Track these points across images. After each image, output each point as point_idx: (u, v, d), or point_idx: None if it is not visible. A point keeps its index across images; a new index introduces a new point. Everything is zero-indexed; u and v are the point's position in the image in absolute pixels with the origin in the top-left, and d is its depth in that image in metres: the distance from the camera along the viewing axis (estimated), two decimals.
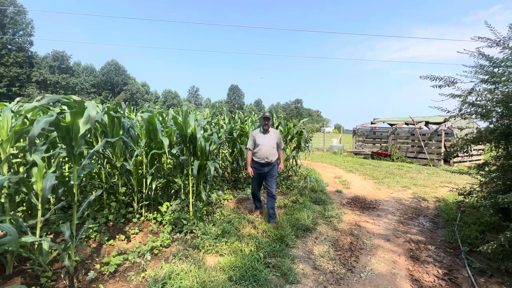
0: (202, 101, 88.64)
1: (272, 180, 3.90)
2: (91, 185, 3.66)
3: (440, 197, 5.72)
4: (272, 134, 3.93)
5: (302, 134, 6.08)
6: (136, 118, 4.03)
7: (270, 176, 3.91)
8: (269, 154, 3.80)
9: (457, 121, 9.98)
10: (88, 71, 57.39)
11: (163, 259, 2.76)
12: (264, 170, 3.86)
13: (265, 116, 3.90)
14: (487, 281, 2.59)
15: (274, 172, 3.92)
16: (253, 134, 3.95)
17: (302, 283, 2.48)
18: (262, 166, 3.83)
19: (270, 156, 3.81)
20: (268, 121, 3.89)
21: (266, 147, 3.79)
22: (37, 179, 2.17)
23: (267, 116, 3.90)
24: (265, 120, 3.87)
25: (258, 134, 3.90)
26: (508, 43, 3.14)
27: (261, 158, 3.79)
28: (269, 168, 3.87)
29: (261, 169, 3.86)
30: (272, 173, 3.90)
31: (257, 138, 3.87)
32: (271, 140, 3.85)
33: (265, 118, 3.88)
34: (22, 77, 38.01)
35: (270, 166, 3.86)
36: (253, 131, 4.04)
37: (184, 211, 3.59)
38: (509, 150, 3.38)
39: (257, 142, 3.83)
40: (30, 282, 2.20)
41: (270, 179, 3.90)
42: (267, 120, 3.88)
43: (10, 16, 36.47)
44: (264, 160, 3.79)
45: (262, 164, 3.82)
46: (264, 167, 3.85)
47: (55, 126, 2.10)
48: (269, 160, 3.80)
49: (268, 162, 3.81)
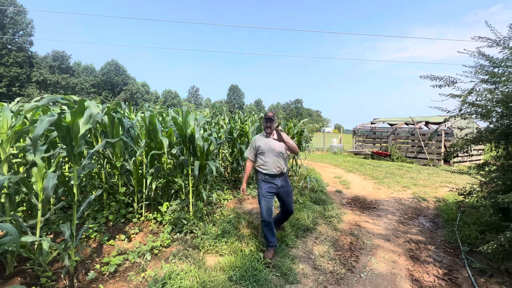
0: (202, 101, 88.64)
1: (290, 198, 3.13)
2: (91, 185, 3.66)
3: (440, 197, 5.72)
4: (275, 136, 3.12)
5: (302, 134, 6.09)
6: (136, 118, 4.03)
7: (286, 194, 3.07)
8: (279, 161, 2.99)
9: (457, 121, 9.98)
10: (88, 71, 57.38)
11: (163, 259, 2.76)
12: (276, 183, 2.99)
13: (267, 117, 3.05)
14: (487, 281, 2.59)
15: (288, 185, 3.12)
16: (254, 141, 3.13)
17: (302, 283, 2.48)
18: (274, 177, 2.98)
19: (282, 163, 3.00)
20: (271, 123, 3.04)
21: (275, 153, 2.99)
22: (37, 179, 2.17)
23: (269, 117, 3.04)
24: (267, 122, 3.04)
25: (261, 139, 3.09)
26: (508, 43, 3.13)
27: (271, 167, 2.97)
28: (283, 180, 3.04)
29: (273, 182, 2.99)
30: (287, 189, 3.09)
31: (261, 144, 3.04)
32: (278, 145, 3.01)
33: (266, 119, 3.04)
34: (22, 77, 38.02)
35: (283, 177, 3.05)
36: (254, 137, 3.20)
37: (184, 211, 3.59)
38: (509, 150, 3.38)
39: (262, 148, 3.02)
40: (30, 282, 2.20)
41: (287, 197, 3.08)
42: (269, 122, 3.03)
43: (10, 16, 36.48)
44: (276, 169, 2.96)
45: (273, 175, 2.98)
46: (277, 179, 2.99)
47: (55, 126, 2.10)
48: (282, 169, 2.99)
49: (281, 171, 2.99)
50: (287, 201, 3.13)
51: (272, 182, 3.00)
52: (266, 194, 2.98)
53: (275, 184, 3.00)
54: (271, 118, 3.07)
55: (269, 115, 3.11)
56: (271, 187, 3.00)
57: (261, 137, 3.11)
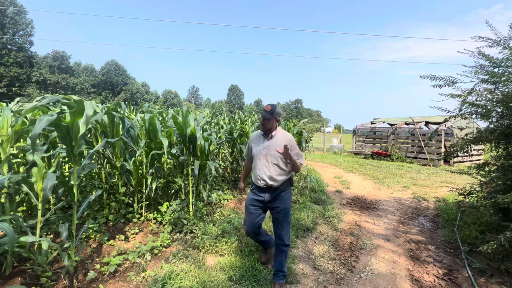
0: (202, 101, 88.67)
1: (281, 218, 2.36)
2: (91, 185, 3.65)
3: (440, 197, 5.72)
4: (278, 138, 2.37)
5: (302, 134, 6.09)
6: (136, 118, 4.03)
7: (277, 216, 2.37)
8: (269, 171, 2.30)
9: (457, 121, 9.96)
10: (88, 71, 57.39)
11: (163, 259, 2.76)
12: (263, 197, 2.36)
13: (264, 112, 2.33)
14: (487, 281, 2.59)
15: (283, 203, 2.36)
16: (250, 138, 2.58)
17: (302, 283, 2.48)
18: (261, 190, 2.38)
19: (271, 176, 2.29)
20: (266, 121, 2.32)
21: (263, 161, 2.32)
22: (37, 179, 2.17)
23: (266, 112, 2.32)
24: (264, 116, 2.32)
25: (256, 139, 2.49)
26: (508, 43, 3.14)
27: (256, 178, 2.37)
28: (272, 195, 2.35)
29: (260, 195, 2.38)
30: (279, 206, 2.35)
31: (253, 144, 2.48)
32: (274, 150, 2.29)
33: (264, 113, 2.33)
34: (22, 77, 38.00)
35: (272, 192, 2.35)
36: (252, 135, 2.59)
37: (184, 211, 3.59)
38: (509, 150, 3.38)
39: (253, 150, 2.45)
40: (30, 282, 2.20)
41: (277, 220, 2.38)
42: (265, 118, 2.32)
43: (10, 16, 36.46)
44: (261, 182, 2.32)
45: (259, 188, 2.38)
46: (264, 193, 2.36)
47: (55, 126, 2.10)
48: (269, 184, 2.30)
49: (269, 186, 2.31)
50: (278, 225, 2.38)
51: (259, 195, 2.39)
52: (249, 206, 2.44)
53: (262, 197, 2.38)
54: (264, 113, 2.33)
55: (266, 108, 2.35)
56: (256, 200, 2.41)
57: (258, 136, 2.48)
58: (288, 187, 2.42)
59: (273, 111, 2.32)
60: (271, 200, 2.37)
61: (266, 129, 2.36)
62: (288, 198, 2.40)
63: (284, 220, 2.38)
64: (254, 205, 2.42)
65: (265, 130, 2.38)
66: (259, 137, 2.47)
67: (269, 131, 2.37)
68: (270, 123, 2.34)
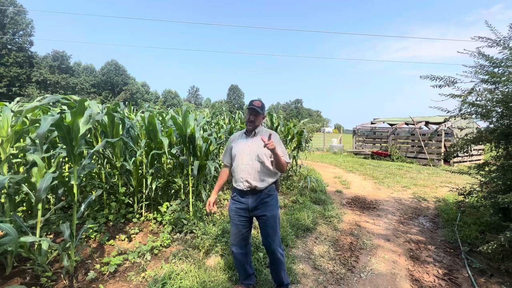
0: (202, 101, 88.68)
1: (269, 228, 2.11)
2: (91, 185, 3.66)
3: (440, 197, 5.72)
4: (262, 135, 2.16)
5: (302, 134, 6.09)
6: (136, 118, 4.03)
7: (263, 221, 2.11)
8: (253, 170, 2.06)
9: (457, 121, 9.95)
10: (88, 71, 57.39)
11: (163, 259, 2.76)
12: (246, 204, 2.10)
13: (250, 107, 2.13)
14: (487, 281, 2.59)
15: (269, 210, 2.10)
16: (230, 140, 2.34)
17: (302, 283, 2.48)
18: (243, 195, 2.12)
19: (255, 176, 2.06)
20: (254, 116, 2.14)
21: (246, 159, 2.09)
22: (37, 179, 2.17)
23: (252, 107, 2.11)
24: (249, 113, 2.15)
25: (237, 138, 2.27)
26: (508, 43, 3.14)
27: (237, 178, 2.13)
28: (257, 200, 2.09)
29: (242, 202, 2.12)
30: (265, 214, 2.09)
31: (234, 143, 2.24)
32: (259, 146, 2.07)
33: (249, 109, 2.14)
34: (22, 77, 38.02)
35: (257, 196, 2.09)
36: (233, 135, 2.37)
37: (184, 211, 3.59)
38: (509, 150, 3.38)
39: (234, 150, 2.20)
40: (30, 282, 2.20)
41: (264, 226, 2.12)
42: (252, 113, 2.14)
43: (10, 16, 36.48)
44: (243, 184, 2.08)
45: (241, 192, 2.12)
46: (246, 198, 2.10)
47: (56, 126, 2.10)
48: (252, 185, 2.06)
49: (252, 188, 2.07)
50: (266, 236, 2.12)
51: (242, 202, 2.11)
52: (233, 217, 2.17)
53: (245, 204, 2.10)
54: (254, 108, 2.10)
55: (253, 103, 2.12)
56: (240, 209, 2.13)
57: (240, 135, 2.27)
58: (273, 192, 2.16)
59: (263, 107, 2.18)
60: (255, 207, 2.09)
61: (254, 126, 2.17)
62: (274, 204, 2.14)
63: (273, 231, 2.11)
64: (239, 215, 2.14)
65: (251, 128, 2.17)
66: (240, 136, 2.27)
67: (255, 128, 2.19)
68: (259, 119, 2.18)
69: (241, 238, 2.18)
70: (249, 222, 2.18)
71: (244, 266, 2.25)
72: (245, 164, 2.09)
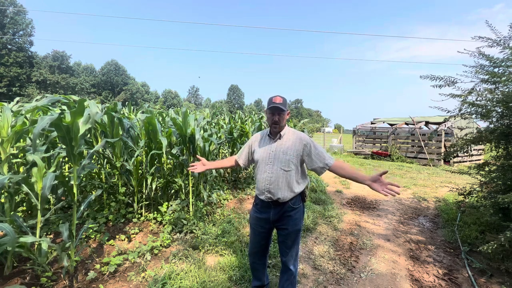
0: (202, 101, 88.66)
1: (288, 242, 1.93)
2: (91, 185, 3.65)
3: (440, 197, 5.72)
4: (289, 138, 1.91)
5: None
6: (136, 118, 4.03)
7: (283, 234, 1.93)
8: (275, 182, 1.84)
9: (457, 121, 9.94)
10: (88, 71, 57.38)
11: (163, 259, 2.76)
12: (268, 216, 1.92)
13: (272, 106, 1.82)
14: (487, 281, 2.59)
15: (291, 224, 1.90)
16: (251, 139, 2.10)
17: (302, 283, 2.48)
18: (264, 206, 1.94)
19: (277, 188, 1.83)
20: (279, 112, 1.83)
21: (269, 168, 1.86)
22: (37, 179, 2.17)
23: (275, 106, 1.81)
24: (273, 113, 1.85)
25: (260, 140, 2.02)
26: (509, 43, 3.14)
27: (260, 190, 1.92)
28: (279, 213, 1.90)
29: (264, 213, 1.95)
30: (287, 228, 1.91)
31: (256, 146, 2.01)
32: (285, 152, 1.85)
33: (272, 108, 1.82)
34: (22, 77, 37.98)
35: (279, 209, 1.89)
36: (256, 134, 2.11)
37: (184, 211, 3.59)
38: (509, 150, 3.38)
39: (256, 155, 1.97)
40: (30, 282, 2.20)
41: (284, 239, 1.94)
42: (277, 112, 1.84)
43: (10, 16, 36.46)
44: (265, 195, 1.88)
45: (263, 202, 1.93)
46: (268, 210, 1.92)
47: (55, 126, 2.10)
48: (275, 198, 1.85)
49: (274, 200, 1.86)
50: (284, 249, 1.95)
51: (263, 212, 1.95)
52: (253, 225, 2.03)
53: (267, 215, 1.93)
54: (277, 107, 1.81)
55: (275, 100, 1.83)
56: (261, 220, 1.97)
57: (264, 137, 2.01)
58: (298, 204, 1.92)
59: (285, 102, 1.86)
60: (277, 220, 1.91)
61: (280, 128, 1.89)
62: (299, 218, 1.92)
63: (292, 245, 1.93)
64: (259, 225, 1.99)
65: (277, 130, 1.89)
66: (264, 138, 2.00)
67: (281, 130, 1.91)
68: (284, 118, 1.87)
69: (260, 248, 2.07)
70: (269, 233, 2.04)
71: (260, 277, 2.16)
72: (268, 173, 1.86)
